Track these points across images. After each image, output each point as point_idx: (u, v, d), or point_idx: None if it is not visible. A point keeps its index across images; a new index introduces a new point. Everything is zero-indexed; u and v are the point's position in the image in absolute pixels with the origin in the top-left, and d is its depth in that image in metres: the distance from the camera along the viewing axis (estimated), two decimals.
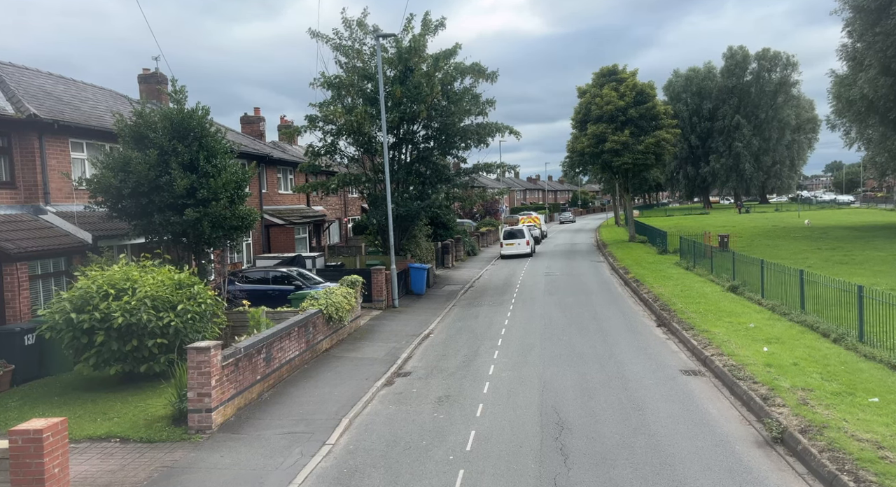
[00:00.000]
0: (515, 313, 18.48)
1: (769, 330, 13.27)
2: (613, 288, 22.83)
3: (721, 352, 11.70)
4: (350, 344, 14.90)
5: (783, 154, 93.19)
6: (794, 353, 11.26)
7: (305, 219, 27.59)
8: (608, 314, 17.66)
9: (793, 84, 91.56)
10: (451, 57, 22.82)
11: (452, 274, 29.07)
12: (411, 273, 22.60)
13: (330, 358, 13.48)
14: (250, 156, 24.05)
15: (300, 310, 13.70)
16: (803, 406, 8.49)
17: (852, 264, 22.72)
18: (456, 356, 13.66)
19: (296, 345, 12.31)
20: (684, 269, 24.52)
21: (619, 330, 15.47)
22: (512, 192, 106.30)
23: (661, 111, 38.54)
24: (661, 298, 18.23)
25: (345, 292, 15.28)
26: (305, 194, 30.43)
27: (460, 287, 24.68)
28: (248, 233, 15.55)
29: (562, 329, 15.89)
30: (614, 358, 12.66)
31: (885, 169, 38.24)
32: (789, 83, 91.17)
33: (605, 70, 39.84)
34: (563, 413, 9.53)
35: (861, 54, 33.64)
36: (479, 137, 22.47)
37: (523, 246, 36.29)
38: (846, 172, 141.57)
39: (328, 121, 22.39)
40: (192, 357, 9.01)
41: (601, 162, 39.07)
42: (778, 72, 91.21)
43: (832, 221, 49.35)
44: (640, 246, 36.19)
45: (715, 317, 14.94)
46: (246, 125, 30.50)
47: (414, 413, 10.02)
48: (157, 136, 12.93)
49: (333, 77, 22.38)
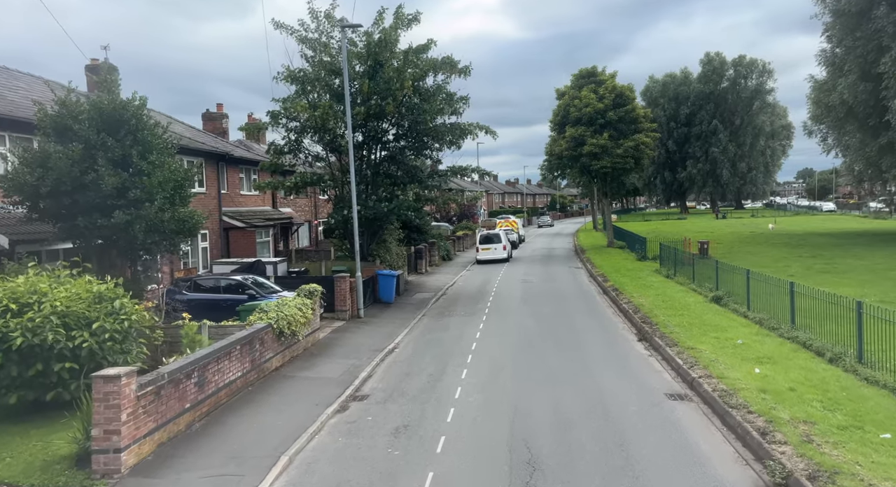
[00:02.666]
0: (488, 324, 17.29)
1: (759, 347, 12.28)
2: (592, 296, 21.80)
3: (709, 374, 10.64)
4: (305, 361, 13.53)
5: (758, 160, 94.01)
6: (789, 376, 10.25)
7: (269, 221, 26.08)
8: (586, 326, 16.57)
9: (768, 91, 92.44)
10: (424, 52, 21.60)
11: (425, 281, 27.80)
12: (379, 280, 21.27)
13: (279, 379, 12.10)
14: (208, 154, 22.52)
15: (247, 325, 12.30)
16: (808, 445, 7.42)
17: (836, 273, 22.04)
18: (420, 375, 12.40)
19: (238, 366, 10.92)
20: (664, 277, 23.62)
21: (598, 345, 14.36)
22: (490, 196, 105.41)
23: (641, 114, 37.85)
24: (641, 309, 17.21)
25: (300, 303, 13.92)
26: (272, 195, 28.93)
27: (432, 294, 23.43)
28: (191, 237, 14.08)
29: (537, 343, 14.74)
30: (593, 379, 11.52)
31: (863, 176, 38.06)
32: (765, 90, 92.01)
33: (583, 71, 39.03)
34: (536, 449, 8.33)
35: (840, 59, 33.30)
36: (452, 137, 21.27)
37: (500, 251, 35.20)
38: (818, 179, 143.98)
39: (291, 117, 21.00)
40: (99, 387, 7.61)
41: (580, 165, 38.20)
42: (754, 78, 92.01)
43: (808, 228, 49.30)
44: (618, 253, 35.36)
45: (700, 332, 13.93)
46: (208, 122, 28.86)
47: (366, 447, 8.73)
48: (82, 128, 11.44)
49: (297, 71, 21.00)
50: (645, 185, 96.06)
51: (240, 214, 24.47)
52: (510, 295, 22.76)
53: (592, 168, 37.41)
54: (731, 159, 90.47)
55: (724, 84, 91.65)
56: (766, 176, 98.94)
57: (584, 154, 36.85)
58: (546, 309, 19.34)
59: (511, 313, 18.92)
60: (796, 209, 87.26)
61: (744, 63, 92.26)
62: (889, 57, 27.97)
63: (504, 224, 49.61)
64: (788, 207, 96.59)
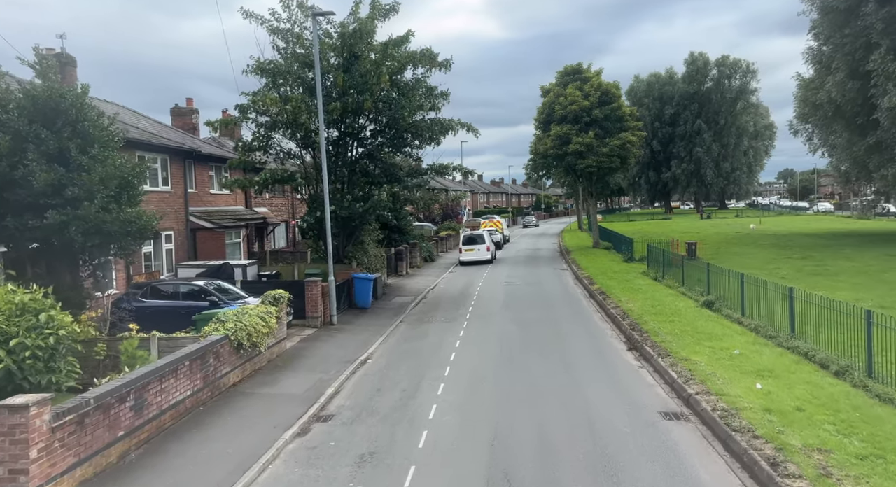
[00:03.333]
0: (469, 331, 16.28)
1: (757, 358, 11.42)
2: (578, 300, 20.89)
3: (707, 390, 9.73)
4: (267, 375, 12.40)
5: (741, 160, 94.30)
6: (794, 392, 9.37)
7: (241, 221, 24.83)
8: (572, 333, 15.63)
9: (752, 91, 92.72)
10: (403, 45, 20.54)
11: (405, 284, 26.73)
12: (355, 284, 20.17)
13: (236, 397, 10.97)
14: (173, 150, 21.23)
15: (201, 337, 11.16)
16: (826, 480, 6.51)
17: (827, 276, 21.39)
18: (393, 390, 11.35)
19: (187, 384, 9.79)
20: (652, 280, 22.80)
21: (585, 354, 13.42)
22: (475, 195, 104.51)
23: (627, 112, 37.12)
24: (630, 315, 16.32)
25: (263, 311, 12.79)
26: (245, 194, 27.65)
27: (412, 299, 22.36)
28: (142, 240, 12.88)
29: (520, 353, 13.77)
30: (581, 394, 10.56)
31: (849, 175, 37.70)
32: (748, 90, 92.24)
33: (569, 68, 38.21)
34: (518, 480, 7.34)
35: (828, 57, 32.84)
36: (431, 134, 20.21)
37: (483, 252, 34.23)
38: (800, 179, 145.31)
39: (261, 111, 19.80)
40: (3, 419, 6.46)
41: (565, 164, 37.36)
42: (738, 79, 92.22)
43: (793, 228, 49.06)
44: (604, 254, 34.59)
45: (693, 340, 13.05)
46: (177, 118, 27.50)
47: (325, 480, 7.67)
48: (11, 118, 10.21)
49: (267, 62, 19.80)
50: (629, 185, 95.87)
51: (209, 214, 23.20)
52: (493, 298, 21.78)
53: (578, 167, 36.60)
54: (715, 159, 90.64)
55: (708, 84, 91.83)
56: (749, 176, 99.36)
57: (569, 152, 36.02)
58: (530, 314, 18.39)
59: (493, 319, 17.94)
60: (780, 209, 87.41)
61: (727, 63, 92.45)
62: (878, 54, 27.49)
63: (488, 224, 48.71)
64: (771, 207, 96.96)
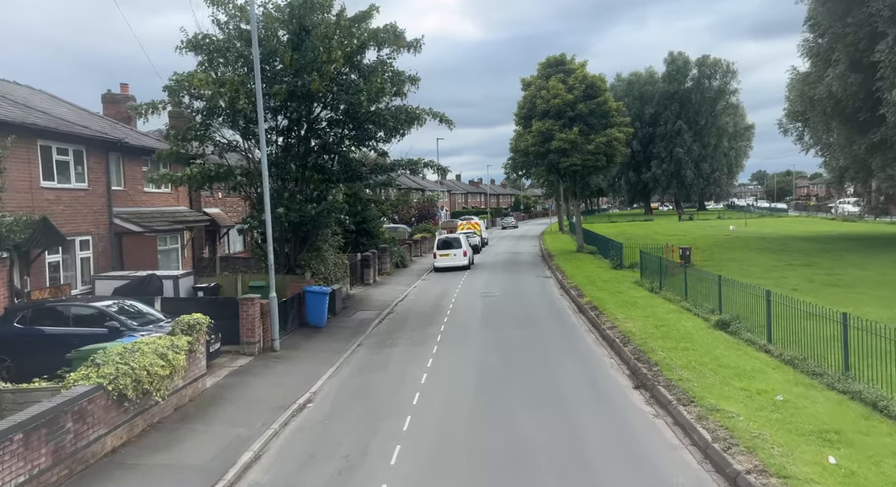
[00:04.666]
0: (440, 360, 13.44)
1: (811, 408, 8.78)
2: (566, 316, 18.20)
3: (761, 466, 7.02)
4: (167, 432, 9.36)
5: (721, 161, 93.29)
6: (884, 470, 6.72)
7: (179, 224, 21.58)
8: (564, 363, 12.87)
9: (732, 92, 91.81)
10: (364, 21, 17.62)
11: (371, 294, 23.78)
12: (307, 299, 17.17)
13: (110, 472, 7.93)
14: (92, 140, 17.94)
15: (63, 387, 8.11)
16: None
17: (844, 287, 19.06)
18: (332, 458, 8.43)
19: (19, 467, 6.73)
20: (648, 291, 20.23)
21: (583, 396, 10.67)
22: (453, 195, 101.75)
23: (613, 108, 34.66)
24: (631, 339, 13.64)
25: (166, 345, 9.75)
26: (189, 194, 24.39)
27: (376, 314, 19.43)
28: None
29: (501, 391, 10.97)
30: (584, 462, 7.79)
31: (844, 175, 35.77)
32: (729, 90, 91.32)
33: (551, 60, 35.61)
34: None
35: (826, 49, 30.79)
36: (396, 123, 17.30)
37: (460, 257, 31.44)
38: (777, 181, 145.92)
39: (194, 95, 16.70)
40: None
41: (547, 162, 34.73)
42: (718, 79, 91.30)
43: (781, 230, 47.31)
44: (590, 259, 32.06)
45: (718, 379, 10.38)
46: (109, 105, 24.09)
47: None
48: None
49: (202, 37, 16.70)
50: (609, 186, 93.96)
51: (139, 216, 19.93)
52: (469, 313, 18.98)
53: (561, 165, 33.99)
54: (696, 160, 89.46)
55: (688, 84, 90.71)
56: (729, 177, 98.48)
57: (552, 150, 33.39)
58: (512, 335, 15.62)
59: (469, 342, 15.12)
60: (760, 211, 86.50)
61: (708, 63, 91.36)
62: (885, 44, 25.41)
63: (465, 226, 45.96)
64: (752, 209, 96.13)
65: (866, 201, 52.21)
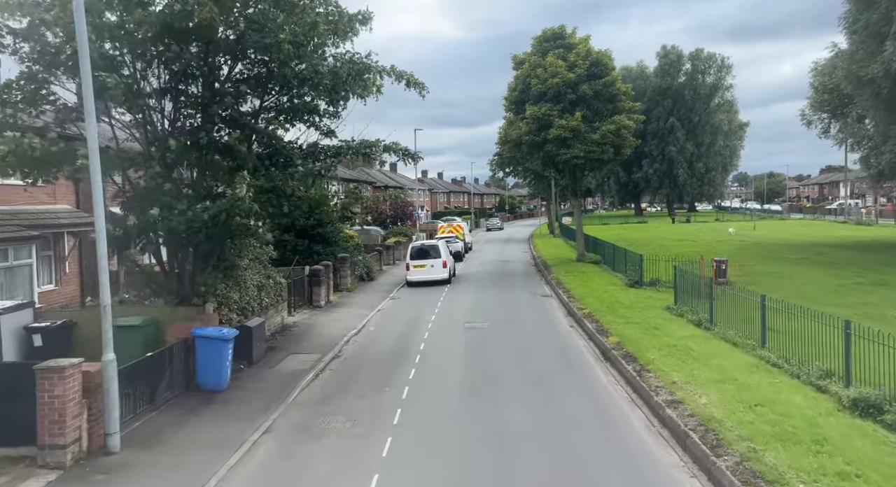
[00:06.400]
0: (392, 472, 7.66)
1: None
2: (588, 367, 12.53)
3: None
4: None
5: (716, 160, 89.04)
6: None
7: (40, 229, 15.44)
8: (611, 482, 7.20)
9: (727, 87, 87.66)
10: None
11: (317, 324, 17.86)
12: (197, 348, 11.22)
13: None
14: None
15: None
16: None
17: None
18: None
19: None
20: (694, 325, 14.66)
21: None
22: (434, 195, 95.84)
23: (622, 90, 29.12)
24: (723, 438, 7.99)
25: None
26: (75, 188, 18.24)
27: (314, 360, 13.55)
28: None
29: None
30: None
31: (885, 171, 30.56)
32: (723, 86, 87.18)
33: (548, 33, 29.95)
34: None
35: (876, 22, 25.66)
36: (335, 81, 11.43)
37: (438, 268, 25.70)
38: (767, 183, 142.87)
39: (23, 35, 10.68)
40: None
41: (543, 154, 29.07)
42: (712, 74, 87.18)
43: (800, 235, 42.39)
44: (595, 271, 26.50)
45: None
46: None
47: None
48: None
49: None
50: (598, 186, 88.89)
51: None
52: (447, 363, 13.20)
53: (560, 158, 28.34)
54: (689, 159, 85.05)
55: (681, 79, 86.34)
56: (723, 177, 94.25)
57: (549, 139, 27.75)
58: (513, 412, 9.87)
59: (446, 426, 9.35)
60: (759, 213, 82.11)
61: (701, 57, 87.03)
62: None
63: (446, 229, 40.16)
64: (745, 211, 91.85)
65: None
